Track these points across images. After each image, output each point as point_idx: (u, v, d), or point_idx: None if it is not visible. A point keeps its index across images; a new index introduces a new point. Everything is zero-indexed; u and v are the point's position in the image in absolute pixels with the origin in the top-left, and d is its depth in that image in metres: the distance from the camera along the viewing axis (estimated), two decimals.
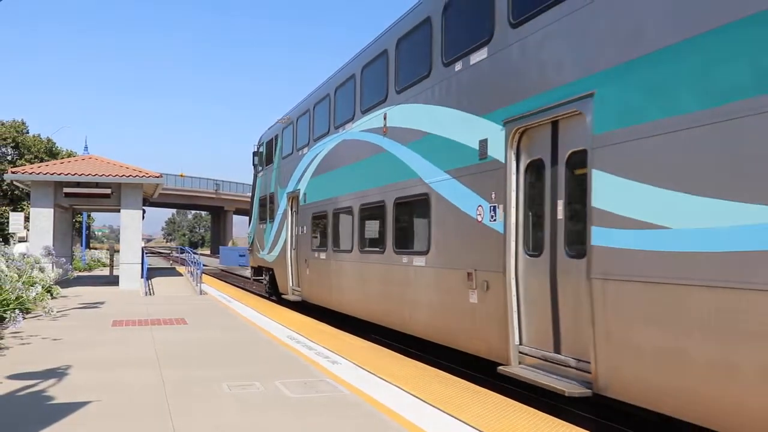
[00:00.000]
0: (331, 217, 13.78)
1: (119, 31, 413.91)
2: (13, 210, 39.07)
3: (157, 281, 23.13)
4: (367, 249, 11.86)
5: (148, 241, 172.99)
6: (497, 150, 7.66)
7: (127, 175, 19.85)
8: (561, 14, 6.65)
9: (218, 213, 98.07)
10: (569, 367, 6.47)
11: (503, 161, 7.52)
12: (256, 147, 21.82)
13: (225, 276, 34.71)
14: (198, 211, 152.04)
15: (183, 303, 15.87)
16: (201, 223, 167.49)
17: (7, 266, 11.88)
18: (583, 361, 6.25)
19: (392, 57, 10.89)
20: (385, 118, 10.99)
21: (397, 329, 10.65)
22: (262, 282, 21.06)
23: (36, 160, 46.45)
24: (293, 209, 16.90)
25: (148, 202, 25.41)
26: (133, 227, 20.05)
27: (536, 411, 5.91)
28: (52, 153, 51.28)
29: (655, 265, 5.34)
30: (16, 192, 45.16)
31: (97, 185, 19.71)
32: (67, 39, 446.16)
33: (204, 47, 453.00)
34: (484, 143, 7.96)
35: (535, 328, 7.12)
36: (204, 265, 23.61)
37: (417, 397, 6.35)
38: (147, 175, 20.07)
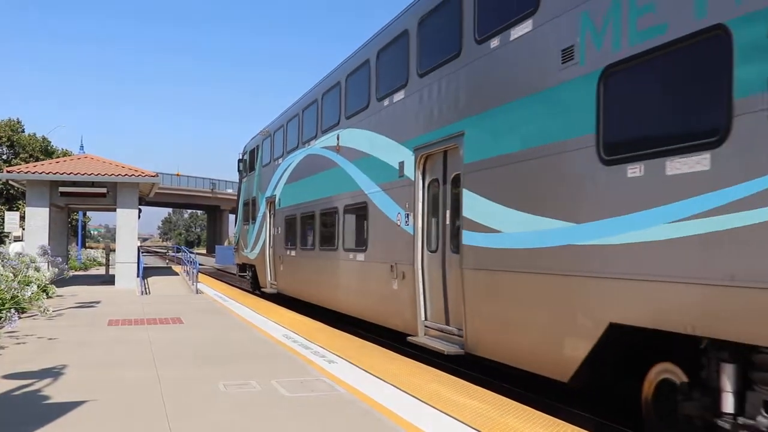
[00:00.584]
0: (299, 219, 16.30)
1: (119, 28, 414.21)
2: (9, 209, 39.04)
3: (153, 280, 23.43)
4: (325, 247, 14.37)
5: (144, 240, 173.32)
6: (410, 170, 10.11)
7: (123, 174, 20.08)
8: (447, 72, 9.11)
9: (214, 212, 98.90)
10: (454, 335, 8.89)
11: (413, 179, 9.98)
12: (240, 155, 24.44)
13: (221, 275, 35.18)
14: (194, 210, 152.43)
15: (179, 302, 16.21)
16: (197, 222, 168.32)
17: (3, 265, 12.00)
18: (461, 329, 8.65)
19: (343, 88, 13.42)
20: (338, 139, 13.48)
21: (350, 314, 12.96)
22: (246, 278, 23.58)
23: (31, 159, 46.52)
24: (271, 212, 19.48)
25: (144, 201, 25.68)
26: (129, 226, 20.31)
27: (534, 410, 6.20)
28: (47, 152, 51.26)
29: (493, 258, 7.79)
30: (11, 191, 45.39)
31: (93, 184, 19.80)
32: (65, 38, 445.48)
33: (204, 45, 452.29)
34: (402, 164, 10.40)
35: (434, 307, 9.57)
36: (200, 264, 24.07)
37: (414, 395, 6.57)
38: (143, 174, 20.31)
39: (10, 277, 11.55)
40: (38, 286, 12.19)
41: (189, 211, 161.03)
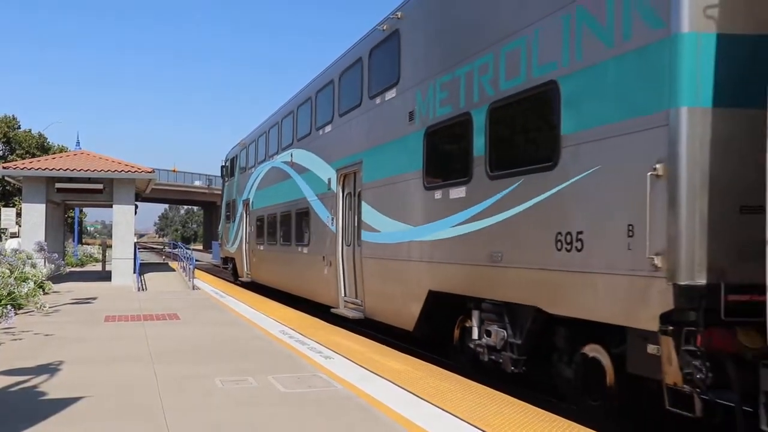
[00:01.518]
0: (266, 220, 21.00)
1: (116, 27, 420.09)
2: (5, 206, 40.87)
3: (150, 276, 24.44)
4: (283, 243, 19.00)
5: (141, 236, 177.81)
6: (334, 185, 14.54)
7: (120, 170, 21.02)
8: (355, 115, 13.45)
9: (211, 208, 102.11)
10: (359, 305, 13.15)
11: (335, 191, 14.40)
12: (223, 162, 29.63)
13: (218, 271, 35.87)
14: (191, 207, 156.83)
15: (176, 298, 17.21)
16: (194, 219, 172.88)
17: None
18: (362, 301, 12.90)
19: (295, 116, 18.07)
20: (292, 156, 18.14)
21: (299, 295, 17.55)
22: (228, 269, 28.84)
23: (27, 155, 48.97)
24: (246, 213, 24.28)
25: (140, 197, 26.95)
26: (126, 222, 21.40)
27: (531, 406, 6.52)
28: (43, 148, 54.27)
29: (376, 249, 12.08)
30: (7, 188, 47.56)
31: (89, 180, 20.81)
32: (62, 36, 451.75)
33: (202, 41, 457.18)
34: (330, 180, 14.81)
35: (349, 286, 13.85)
36: (197, 260, 25.59)
37: (410, 391, 6.90)
38: (139, 170, 21.29)
39: (6, 273, 12.24)
40: (35, 283, 12.96)
41: (185, 207, 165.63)
